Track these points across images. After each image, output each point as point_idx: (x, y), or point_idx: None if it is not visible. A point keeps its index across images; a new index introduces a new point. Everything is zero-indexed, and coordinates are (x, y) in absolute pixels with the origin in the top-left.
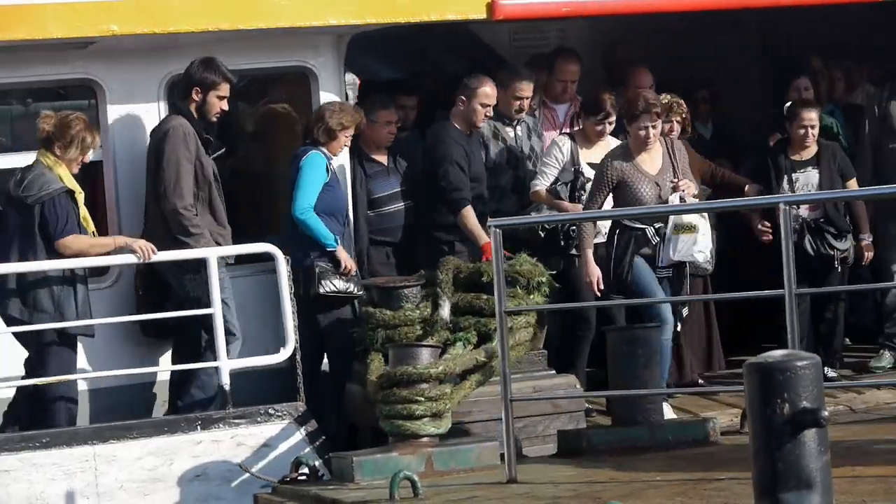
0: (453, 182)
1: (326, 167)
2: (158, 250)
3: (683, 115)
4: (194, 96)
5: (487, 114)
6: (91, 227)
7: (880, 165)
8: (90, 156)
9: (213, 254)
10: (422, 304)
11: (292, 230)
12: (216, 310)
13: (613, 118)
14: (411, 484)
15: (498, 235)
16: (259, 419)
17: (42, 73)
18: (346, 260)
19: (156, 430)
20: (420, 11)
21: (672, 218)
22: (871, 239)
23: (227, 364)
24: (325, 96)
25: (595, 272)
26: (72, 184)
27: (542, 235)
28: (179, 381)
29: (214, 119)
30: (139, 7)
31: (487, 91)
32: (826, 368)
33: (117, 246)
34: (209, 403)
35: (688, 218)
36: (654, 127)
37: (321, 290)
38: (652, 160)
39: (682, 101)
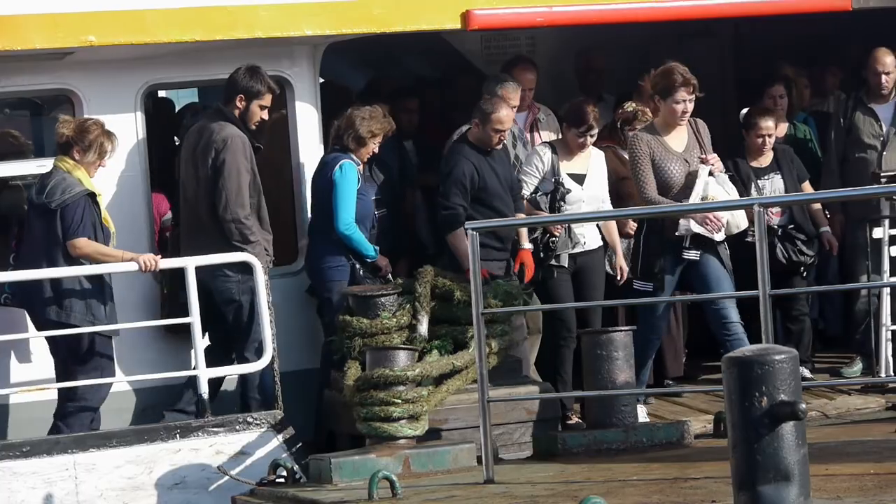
0: (450, 202)
1: (358, 176)
2: (202, 254)
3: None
4: (238, 103)
5: (502, 138)
6: (112, 227)
7: (847, 175)
8: (107, 161)
9: (190, 263)
10: (399, 312)
11: (313, 234)
12: (195, 319)
13: (596, 130)
14: (390, 484)
15: (475, 238)
16: (238, 427)
17: (20, 84)
18: (386, 266)
19: (135, 438)
20: (395, 21)
21: (699, 192)
22: (829, 230)
23: (205, 373)
24: (301, 105)
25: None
26: (91, 186)
27: None
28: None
29: (254, 127)
30: (117, 18)
31: (501, 117)
32: (802, 368)
33: (123, 260)
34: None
35: (713, 191)
36: (690, 101)
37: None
38: (679, 138)
39: (647, 110)
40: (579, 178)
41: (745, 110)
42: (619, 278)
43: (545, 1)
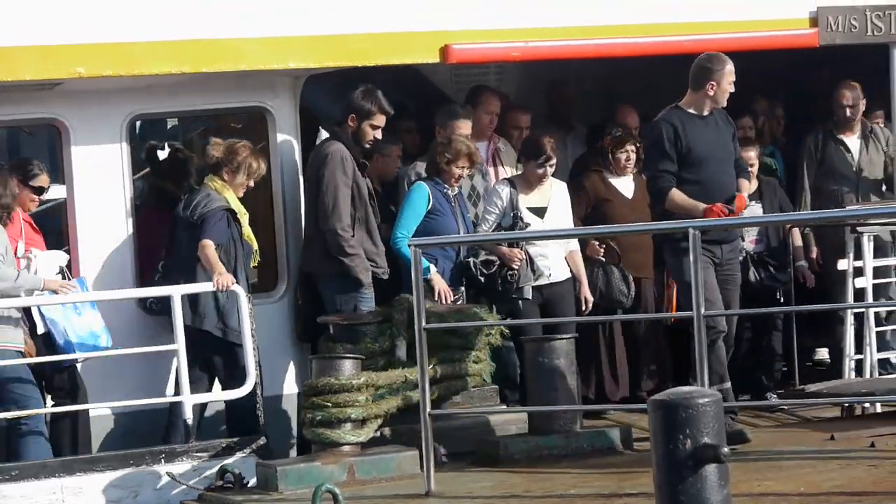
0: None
1: (428, 197)
2: (316, 269)
3: (637, 145)
4: (350, 122)
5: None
6: (255, 244)
7: (820, 207)
8: (252, 182)
9: (176, 292)
10: (381, 338)
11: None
12: (180, 346)
13: (554, 161)
14: (333, 497)
15: (417, 254)
16: (221, 452)
17: (8, 113)
18: (440, 286)
19: (121, 462)
20: (376, 55)
21: None
22: (807, 265)
23: (189, 399)
24: (282, 136)
25: None
26: (237, 206)
27: (482, 281)
28: None
29: (367, 146)
30: (106, 50)
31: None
32: (769, 394)
33: (217, 272)
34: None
35: None
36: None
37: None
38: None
39: (634, 134)
40: (540, 212)
41: None
42: (584, 309)
43: (521, 36)
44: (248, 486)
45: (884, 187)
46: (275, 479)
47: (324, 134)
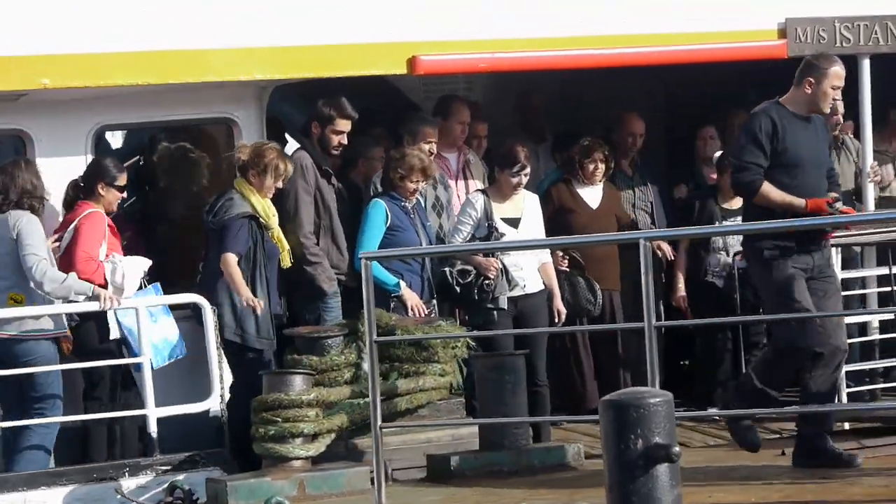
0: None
1: (386, 214)
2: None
3: (606, 153)
4: (314, 129)
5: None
6: (286, 246)
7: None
8: (280, 184)
9: (141, 304)
10: (346, 350)
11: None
12: (145, 358)
13: (528, 169)
14: None
15: (368, 266)
16: (185, 466)
17: None
18: (412, 301)
19: (84, 476)
20: (344, 66)
21: None
22: None
23: (154, 412)
24: None
25: None
26: (262, 210)
27: (458, 290)
28: None
29: (335, 152)
30: (71, 61)
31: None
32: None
33: (242, 296)
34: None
35: None
36: None
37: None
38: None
39: (602, 143)
40: (514, 222)
41: (718, 153)
42: (557, 321)
43: (489, 47)
44: (198, 501)
45: (854, 198)
46: (224, 494)
47: (292, 142)
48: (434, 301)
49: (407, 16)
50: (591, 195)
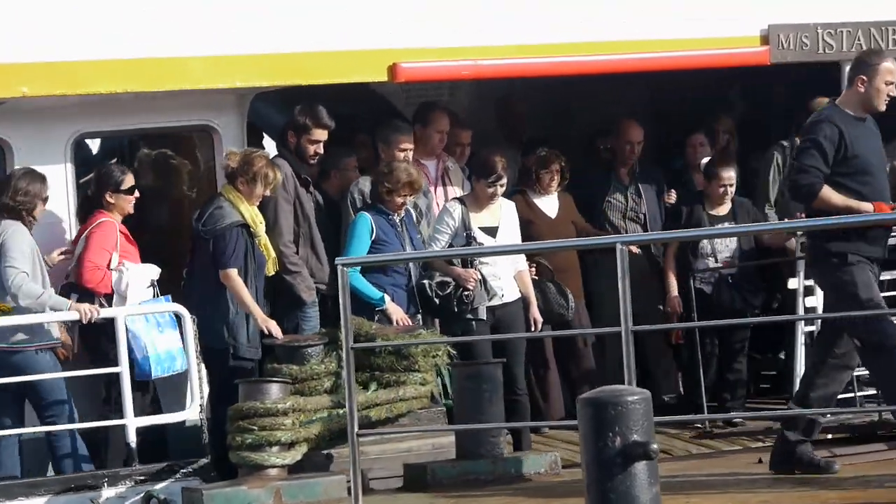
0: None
1: (371, 227)
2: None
3: (562, 164)
4: (290, 139)
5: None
6: (272, 253)
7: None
8: (269, 191)
9: (120, 314)
10: (326, 359)
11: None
12: (123, 369)
13: (505, 180)
14: None
15: (344, 273)
16: (164, 476)
17: None
18: (397, 315)
19: (62, 486)
20: (324, 74)
21: None
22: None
23: (133, 422)
24: None
25: None
26: (251, 218)
27: (437, 302)
28: None
29: (312, 161)
30: (50, 69)
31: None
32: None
33: (256, 317)
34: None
35: None
36: None
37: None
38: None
39: (559, 153)
40: (491, 231)
41: (706, 159)
42: (533, 330)
43: (470, 54)
44: None
45: None
46: (200, 503)
47: (270, 146)
48: (419, 316)
49: (388, 23)
50: (548, 205)
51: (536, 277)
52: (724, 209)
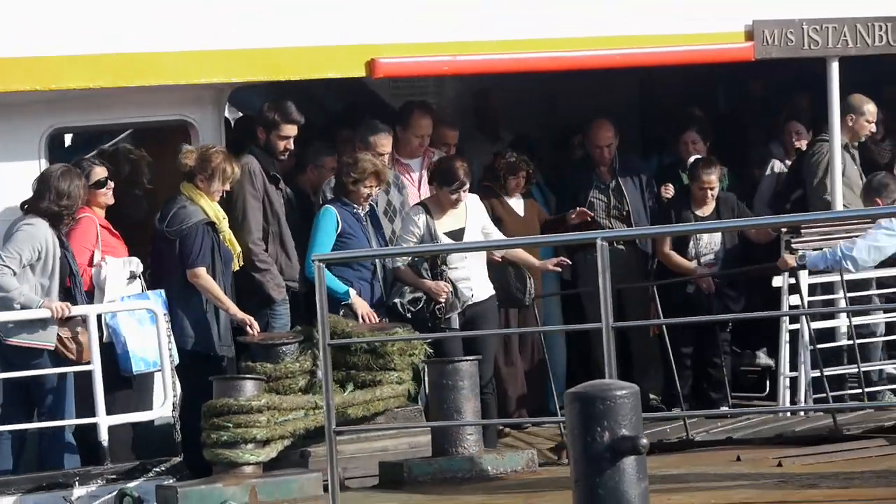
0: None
1: (336, 221)
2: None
3: (530, 171)
4: (259, 135)
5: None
6: (237, 248)
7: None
8: (228, 186)
9: (92, 311)
10: (301, 357)
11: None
12: (95, 367)
13: (467, 185)
14: None
15: (321, 269)
16: (136, 474)
17: None
18: (363, 309)
19: (33, 485)
20: (302, 69)
21: None
22: None
23: (105, 420)
24: None
25: None
26: (214, 214)
27: (409, 316)
28: None
29: (281, 158)
30: (23, 64)
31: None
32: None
33: (231, 313)
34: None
35: None
36: None
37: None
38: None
39: (527, 159)
40: (457, 234)
41: (692, 159)
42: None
43: (450, 50)
44: None
45: None
46: (175, 500)
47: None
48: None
49: (366, 18)
50: (516, 203)
51: (499, 260)
52: (708, 209)
